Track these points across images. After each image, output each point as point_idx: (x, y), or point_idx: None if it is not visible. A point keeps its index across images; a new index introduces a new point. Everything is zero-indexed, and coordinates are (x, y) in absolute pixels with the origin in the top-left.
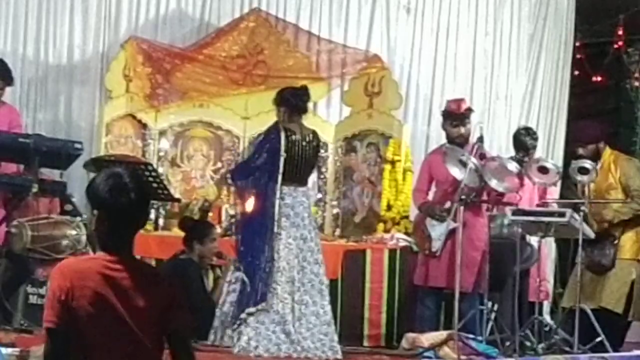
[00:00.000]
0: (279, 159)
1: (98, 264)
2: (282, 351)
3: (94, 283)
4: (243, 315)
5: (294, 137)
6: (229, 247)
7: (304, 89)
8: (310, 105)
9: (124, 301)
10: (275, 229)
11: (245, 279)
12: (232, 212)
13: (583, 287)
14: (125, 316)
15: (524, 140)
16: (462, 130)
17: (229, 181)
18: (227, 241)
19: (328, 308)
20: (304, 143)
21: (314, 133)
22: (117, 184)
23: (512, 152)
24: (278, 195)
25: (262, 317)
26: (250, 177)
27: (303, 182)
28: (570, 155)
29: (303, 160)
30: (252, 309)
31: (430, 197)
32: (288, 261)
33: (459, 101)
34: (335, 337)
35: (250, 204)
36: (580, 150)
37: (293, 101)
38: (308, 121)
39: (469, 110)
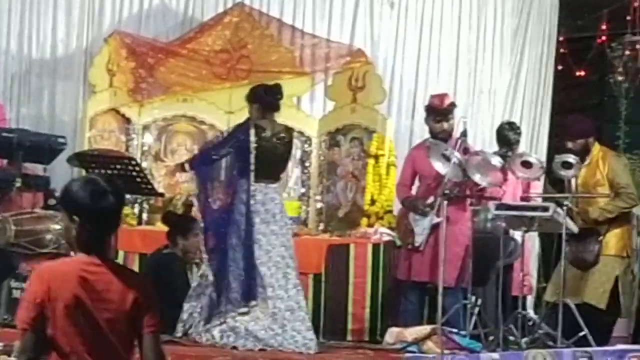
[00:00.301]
0: (249, 156)
1: (77, 267)
2: (257, 346)
3: (71, 286)
4: (234, 314)
5: (264, 134)
6: None
7: (277, 87)
8: (282, 102)
9: (99, 303)
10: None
11: (210, 273)
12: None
13: (567, 282)
14: (100, 318)
15: (507, 135)
16: (445, 125)
17: (187, 169)
18: None
19: (303, 303)
20: (275, 140)
21: (287, 129)
22: (96, 189)
23: (496, 147)
24: (249, 192)
25: (245, 317)
26: (210, 166)
27: (274, 179)
28: (554, 149)
29: (274, 157)
30: (244, 309)
31: (414, 191)
32: (258, 257)
33: (442, 96)
34: (310, 334)
35: (215, 197)
36: (570, 144)
37: (266, 98)
38: (292, 116)
39: (452, 105)
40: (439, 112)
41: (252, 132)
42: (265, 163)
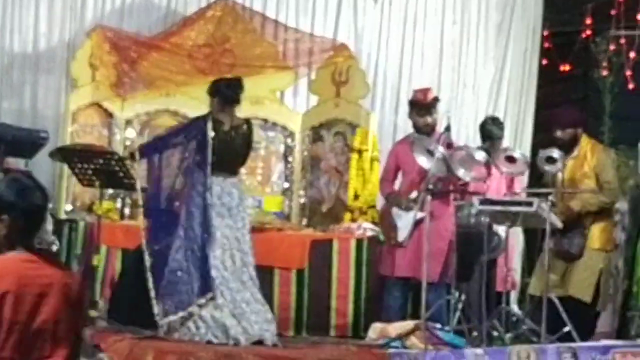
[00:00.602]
0: (206, 149)
1: (17, 264)
2: (217, 338)
3: (11, 283)
4: (194, 308)
5: (223, 127)
6: None
7: (238, 81)
8: (242, 96)
9: (39, 299)
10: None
11: (148, 265)
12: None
13: (551, 276)
14: (38, 314)
15: (490, 130)
16: (429, 119)
17: (137, 157)
18: None
19: (259, 296)
20: (233, 134)
21: (247, 123)
22: (22, 187)
23: (480, 141)
24: (207, 185)
25: (209, 306)
26: (162, 155)
27: (232, 173)
28: (539, 143)
29: (232, 151)
30: (202, 301)
31: (397, 186)
32: (214, 250)
33: (425, 91)
34: (267, 325)
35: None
36: (559, 133)
37: (226, 92)
38: (275, 110)
39: (436, 99)
40: (422, 106)
41: (210, 125)
42: (223, 157)
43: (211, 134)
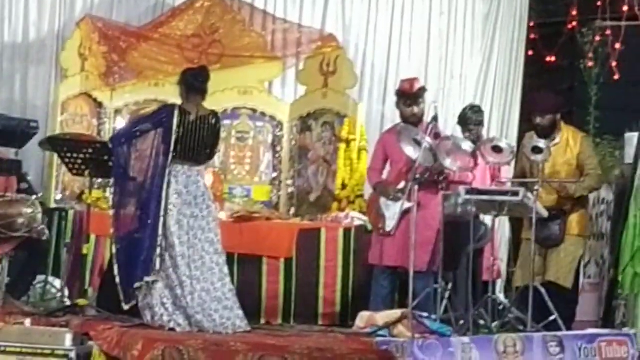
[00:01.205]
0: (170, 138)
1: None
2: (180, 326)
3: None
4: (137, 285)
5: (189, 117)
6: None
7: (202, 70)
8: (207, 86)
9: None
10: (165, 205)
11: (114, 252)
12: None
13: (534, 262)
14: None
15: (465, 115)
16: (416, 109)
17: (110, 146)
18: None
19: (219, 285)
20: (199, 123)
21: (214, 114)
22: None
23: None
24: (168, 172)
25: (158, 289)
26: (129, 143)
27: (198, 162)
28: (526, 123)
29: (198, 141)
30: (140, 283)
31: (385, 176)
32: (179, 237)
33: (412, 80)
34: (227, 313)
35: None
36: (538, 119)
37: (191, 82)
38: (263, 100)
39: (422, 89)
40: (409, 96)
41: (177, 114)
42: (189, 146)
43: (176, 122)
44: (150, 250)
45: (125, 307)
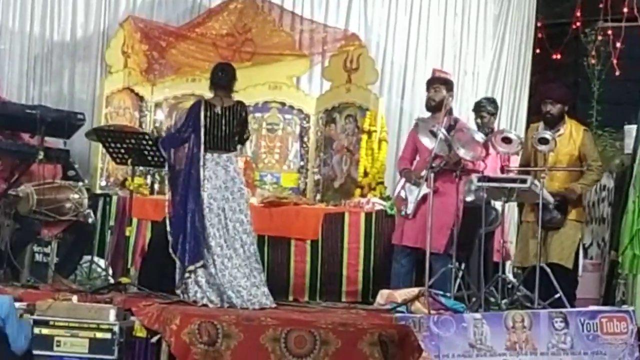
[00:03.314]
0: (200, 129)
1: None
2: (212, 302)
3: None
4: (186, 274)
5: (215, 109)
6: None
7: (223, 66)
8: (229, 80)
9: None
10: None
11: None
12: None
13: (531, 247)
14: None
15: (480, 103)
16: (432, 93)
17: (160, 147)
18: None
19: (247, 263)
20: (225, 113)
21: (239, 104)
22: None
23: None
24: (202, 162)
25: (200, 272)
26: (176, 147)
27: (227, 149)
28: (534, 115)
29: (224, 130)
30: (191, 267)
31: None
32: (210, 219)
33: (436, 70)
34: (255, 290)
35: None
36: (549, 107)
37: (212, 77)
38: (291, 94)
39: (436, 78)
40: (429, 81)
41: (202, 107)
42: (217, 135)
43: (202, 115)
44: (199, 236)
45: (177, 291)
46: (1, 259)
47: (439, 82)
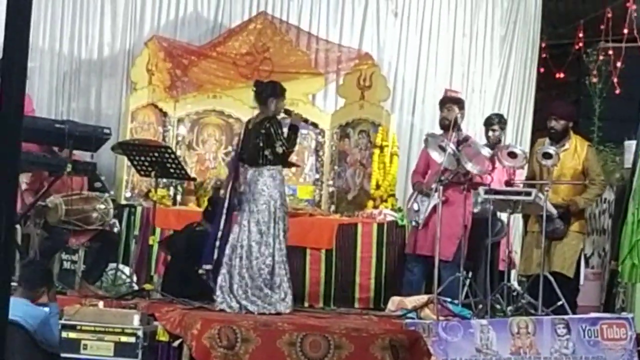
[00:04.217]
0: (238, 144)
1: None
2: (231, 308)
3: None
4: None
5: (248, 125)
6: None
7: (255, 83)
8: (261, 96)
9: None
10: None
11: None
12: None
13: (535, 256)
14: None
15: (492, 117)
16: (445, 113)
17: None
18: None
19: (263, 272)
20: (254, 129)
21: (265, 120)
22: None
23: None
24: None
25: (221, 274)
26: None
27: (256, 164)
28: (538, 131)
29: (252, 145)
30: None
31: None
32: (233, 230)
33: (449, 90)
34: (270, 299)
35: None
36: (553, 123)
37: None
38: (307, 111)
39: (449, 97)
40: (442, 101)
41: (245, 123)
42: (246, 150)
43: (242, 129)
44: (213, 242)
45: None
46: (32, 266)
47: (451, 102)
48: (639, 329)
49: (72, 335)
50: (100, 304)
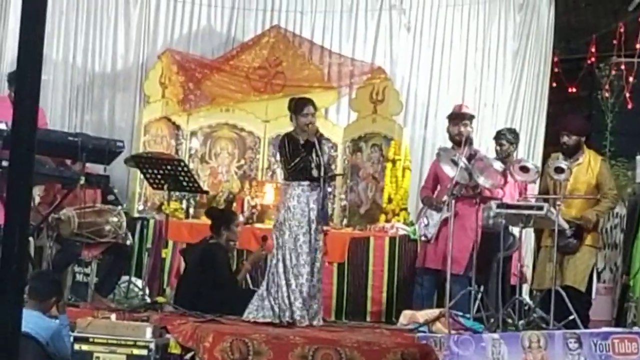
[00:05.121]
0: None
1: None
2: (264, 317)
3: None
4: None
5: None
6: (250, 234)
7: (290, 100)
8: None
9: None
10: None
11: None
12: (252, 203)
13: (549, 270)
14: None
15: (500, 133)
16: (461, 129)
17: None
18: (249, 228)
19: (299, 281)
20: (309, 146)
21: (278, 136)
22: None
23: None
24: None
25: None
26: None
27: (285, 178)
28: (550, 146)
29: (311, 162)
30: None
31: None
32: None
33: (461, 105)
34: (300, 311)
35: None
36: (565, 138)
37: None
38: (320, 125)
39: (466, 113)
40: (456, 116)
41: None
42: (301, 167)
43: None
44: None
45: None
46: (41, 278)
47: (466, 118)
48: None
49: (85, 347)
50: (113, 316)
